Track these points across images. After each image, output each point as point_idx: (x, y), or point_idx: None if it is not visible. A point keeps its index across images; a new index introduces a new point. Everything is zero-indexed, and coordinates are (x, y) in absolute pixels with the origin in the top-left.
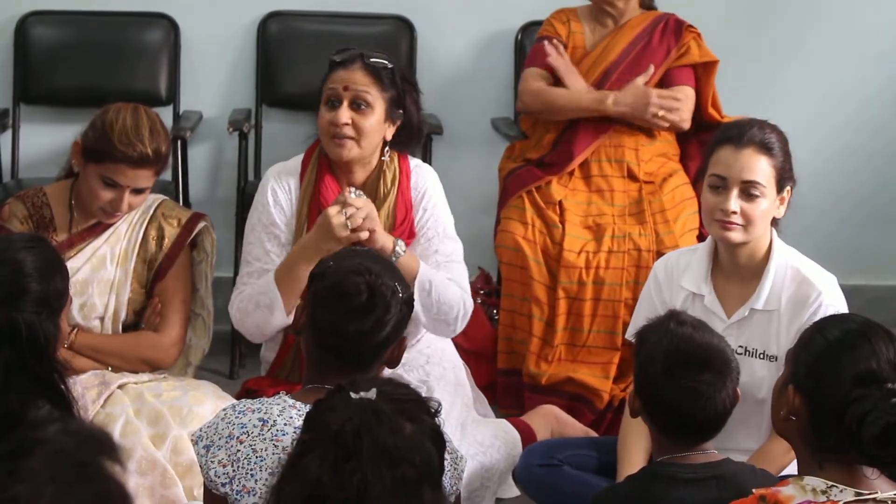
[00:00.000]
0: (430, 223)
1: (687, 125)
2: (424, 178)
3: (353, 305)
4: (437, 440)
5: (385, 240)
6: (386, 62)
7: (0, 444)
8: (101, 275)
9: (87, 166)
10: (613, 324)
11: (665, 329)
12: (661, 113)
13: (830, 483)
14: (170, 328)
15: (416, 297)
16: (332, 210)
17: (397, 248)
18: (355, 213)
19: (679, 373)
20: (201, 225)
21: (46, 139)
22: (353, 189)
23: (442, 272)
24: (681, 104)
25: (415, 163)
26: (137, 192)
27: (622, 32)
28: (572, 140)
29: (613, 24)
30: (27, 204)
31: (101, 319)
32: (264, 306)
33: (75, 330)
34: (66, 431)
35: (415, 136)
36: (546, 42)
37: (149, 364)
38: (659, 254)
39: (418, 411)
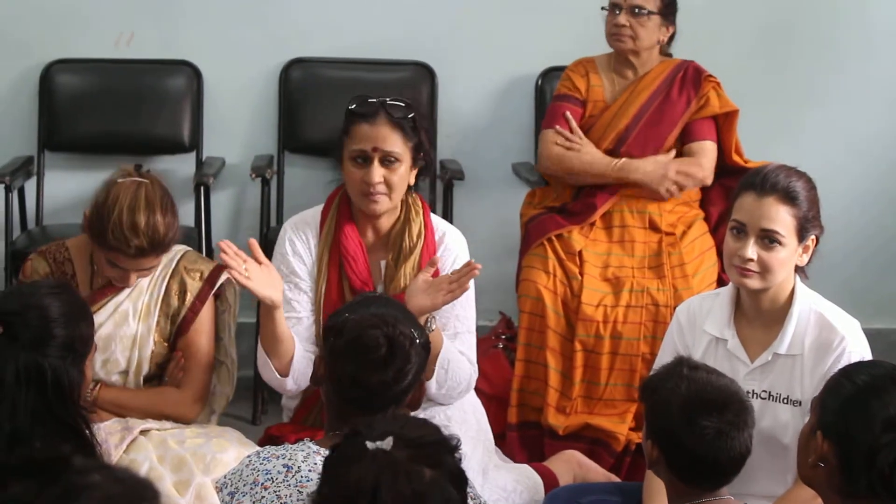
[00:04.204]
0: None
1: (709, 181)
2: (456, 244)
3: (374, 359)
4: (459, 481)
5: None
6: (407, 109)
7: (48, 489)
8: (123, 330)
9: (93, 243)
10: (631, 377)
11: (679, 374)
12: (674, 188)
13: None
14: (193, 384)
15: (434, 372)
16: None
17: (429, 323)
18: None
19: (703, 416)
20: (223, 278)
21: (71, 186)
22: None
23: (456, 343)
24: (700, 173)
25: (444, 225)
26: (144, 269)
27: (642, 84)
28: (595, 192)
29: (633, 74)
30: (49, 259)
31: (125, 374)
32: (262, 365)
33: (98, 385)
34: (113, 478)
35: (430, 168)
36: (557, 126)
37: (171, 420)
38: None
39: (438, 454)
